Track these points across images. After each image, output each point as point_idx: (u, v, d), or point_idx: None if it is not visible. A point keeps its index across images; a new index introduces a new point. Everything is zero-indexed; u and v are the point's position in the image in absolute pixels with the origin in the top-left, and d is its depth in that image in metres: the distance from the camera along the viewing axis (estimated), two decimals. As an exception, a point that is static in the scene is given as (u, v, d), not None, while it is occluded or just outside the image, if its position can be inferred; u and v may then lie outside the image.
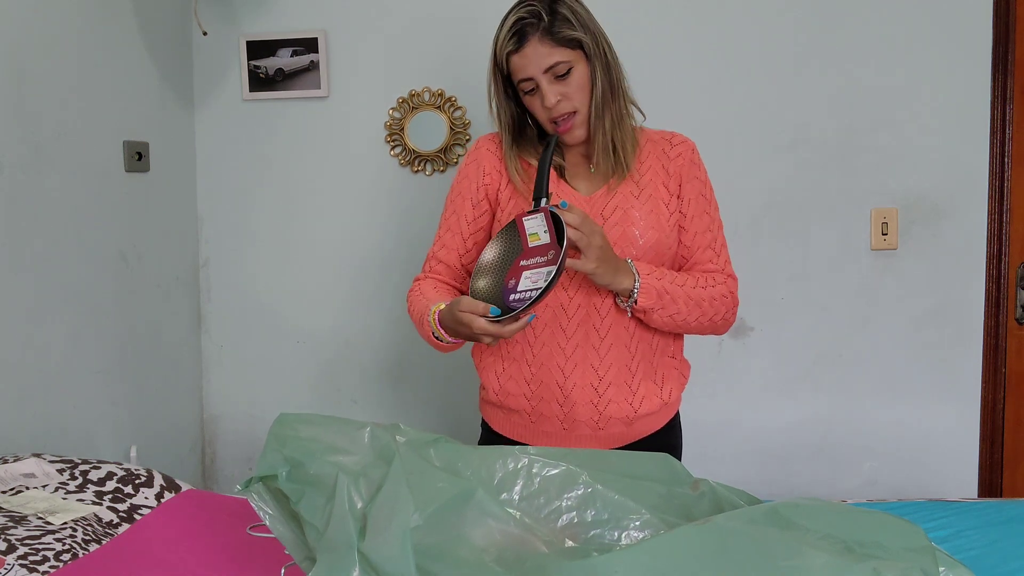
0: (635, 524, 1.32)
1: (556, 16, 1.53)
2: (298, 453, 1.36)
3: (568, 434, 1.65)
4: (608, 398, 1.61)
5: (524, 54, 1.53)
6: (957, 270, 2.44)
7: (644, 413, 1.64)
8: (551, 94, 1.54)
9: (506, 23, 1.55)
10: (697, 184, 1.68)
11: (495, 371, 1.68)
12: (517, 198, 1.64)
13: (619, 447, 1.66)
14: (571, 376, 1.61)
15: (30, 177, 1.99)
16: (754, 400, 2.54)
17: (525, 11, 1.53)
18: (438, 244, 1.71)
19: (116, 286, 2.29)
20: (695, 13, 2.45)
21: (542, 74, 1.54)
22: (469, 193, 1.68)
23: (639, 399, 1.63)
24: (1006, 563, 1.52)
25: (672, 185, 1.65)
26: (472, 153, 1.71)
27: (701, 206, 1.67)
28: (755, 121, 2.46)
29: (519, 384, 1.65)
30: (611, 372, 1.61)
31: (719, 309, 1.64)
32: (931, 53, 2.39)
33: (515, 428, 1.70)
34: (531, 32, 1.53)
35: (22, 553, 1.35)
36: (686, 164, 1.67)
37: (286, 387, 2.69)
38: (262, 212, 2.65)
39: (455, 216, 1.69)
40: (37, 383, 2.03)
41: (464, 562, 1.20)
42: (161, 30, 2.45)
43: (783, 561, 1.14)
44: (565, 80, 1.55)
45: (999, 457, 2.48)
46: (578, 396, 1.61)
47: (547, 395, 1.62)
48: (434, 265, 1.71)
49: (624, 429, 1.65)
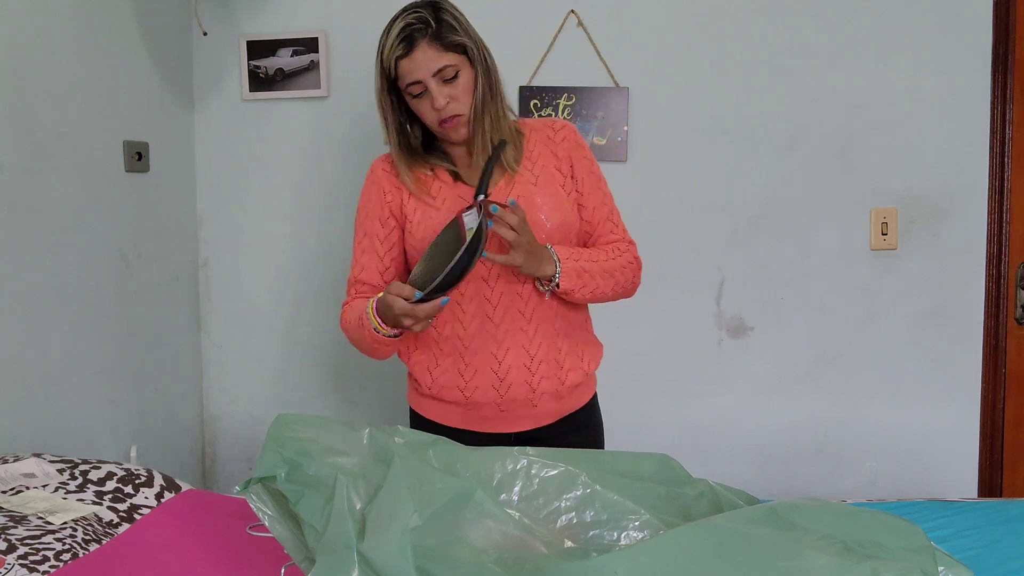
0: (634, 524, 1.32)
1: (442, 23, 1.61)
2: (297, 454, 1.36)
3: (504, 415, 1.73)
4: (541, 375, 1.71)
5: (414, 58, 1.59)
6: (957, 270, 2.44)
7: (571, 385, 1.76)
8: (440, 96, 1.61)
9: (392, 30, 1.60)
10: (586, 163, 1.76)
11: (427, 367, 1.75)
12: (424, 208, 1.71)
13: (551, 423, 1.76)
14: (504, 360, 1.70)
15: (30, 177, 1.99)
16: (754, 400, 2.54)
17: (412, 17, 1.60)
18: (357, 268, 1.77)
19: (116, 286, 2.29)
20: (695, 13, 2.45)
21: (431, 77, 1.60)
22: (376, 214, 1.75)
23: (566, 372, 1.75)
24: (1006, 563, 1.52)
25: (564, 167, 1.74)
26: (369, 176, 1.79)
27: (593, 182, 1.77)
28: (755, 121, 2.46)
29: (453, 376, 1.72)
30: (541, 350, 1.71)
31: (628, 276, 1.77)
32: (931, 53, 2.39)
33: (450, 416, 1.77)
34: (419, 37, 1.59)
35: (22, 553, 1.35)
36: (572, 146, 1.76)
37: (286, 387, 2.69)
38: (262, 212, 2.64)
39: (367, 238, 1.76)
40: (37, 383, 2.03)
41: (463, 563, 1.20)
42: (161, 30, 2.45)
43: (782, 562, 1.15)
44: (452, 83, 1.62)
45: (999, 457, 2.48)
46: (514, 377, 1.70)
47: (483, 383, 1.70)
48: (359, 288, 1.77)
49: (556, 404, 1.76)
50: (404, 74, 1.61)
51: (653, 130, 2.47)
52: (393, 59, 1.60)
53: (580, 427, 1.82)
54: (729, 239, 2.50)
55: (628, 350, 2.55)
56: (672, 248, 2.50)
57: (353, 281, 1.78)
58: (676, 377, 2.55)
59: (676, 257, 2.51)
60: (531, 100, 2.46)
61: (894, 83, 2.41)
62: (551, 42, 2.46)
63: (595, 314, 2.53)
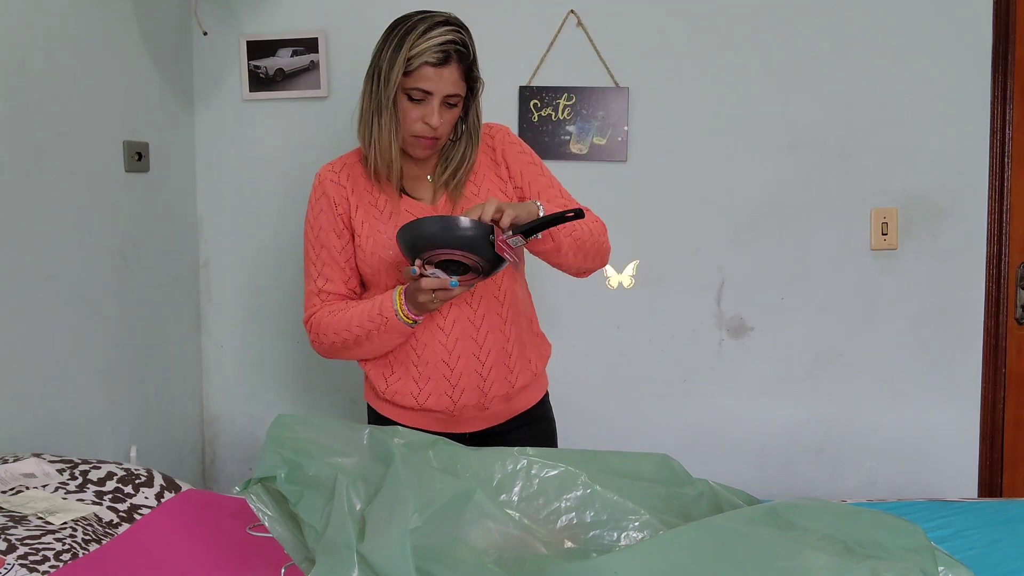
0: (634, 525, 1.32)
1: (472, 55, 1.66)
2: (297, 455, 1.36)
3: (454, 418, 1.78)
4: (491, 380, 1.75)
5: (441, 73, 1.62)
6: (957, 270, 2.44)
7: (520, 387, 1.80)
8: (437, 117, 1.64)
9: (431, 36, 1.60)
10: (523, 157, 1.79)
11: (383, 373, 1.79)
12: (371, 220, 1.73)
13: (500, 424, 1.82)
14: (456, 367, 1.73)
15: (30, 177, 1.99)
16: (754, 400, 2.54)
17: (454, 35, 1.62)
18: (321, 279, 1.76)
19: (116, 286, 2.29)
20: (695, 13, 2.45)
21: (442, 96, 1.63)
22: (330, 225, 1.76)
23: (515, 375, 1.79)
24: (1006, 563, 1.52)
25: (503, 171, 1.78)
26: (317, 189, 1.79)
27: (534, 172, 1.79)
28: (755, 121, 2.46)
29: (407, 383, 1.76)
30: (491, 356, 1.75)
31: (597, 229, 1.75)
32: (931, 53, 2.39)
33: (402, 416, 1.81)
34: (454, 57, 1.62)
35: (22, 553, 1.35)
36: (507, 145, 1.79)
37: (286, 387, 2.69)
38: (262, 212, 2.64)
39: (325, 250, 1.76)
40: (37, 383, 2.03)
41: (463, 563, 1.20)
42: (161, 30, 2.45)
43: (782, 562, 1.15)
44: (451, 110, 1.67)
45: (999, 457, 2.48)
46: (465, 383, 1.74)
47: (435, 390, 1.74)
48: (324, 298, 1.77)
49: (504, 406, 1.80)
50: (421, 79, 1.62)
51: (653, 130, 2.47)
52: (421, 62, 1.60)
53: (530, 422, 1.86)
54: (729, 239, 2.50)
55: (629, 350, 2.56)
56: (672, 248, 2.50)
57: (316, 292, 1.77)
58: (676, 377, 2.55)
59: (676, 257, 2.51)
60: (531, 100, 2.46)
61: (894, 83, 2.40)
62: (551, 42, 2.46)
63: (595, 314, 2.54)
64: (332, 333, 1.73)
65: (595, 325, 2.54)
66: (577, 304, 2.53)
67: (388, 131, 1.67)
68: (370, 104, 1.68)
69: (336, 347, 1.75)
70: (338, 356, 1.80)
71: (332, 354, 1.79)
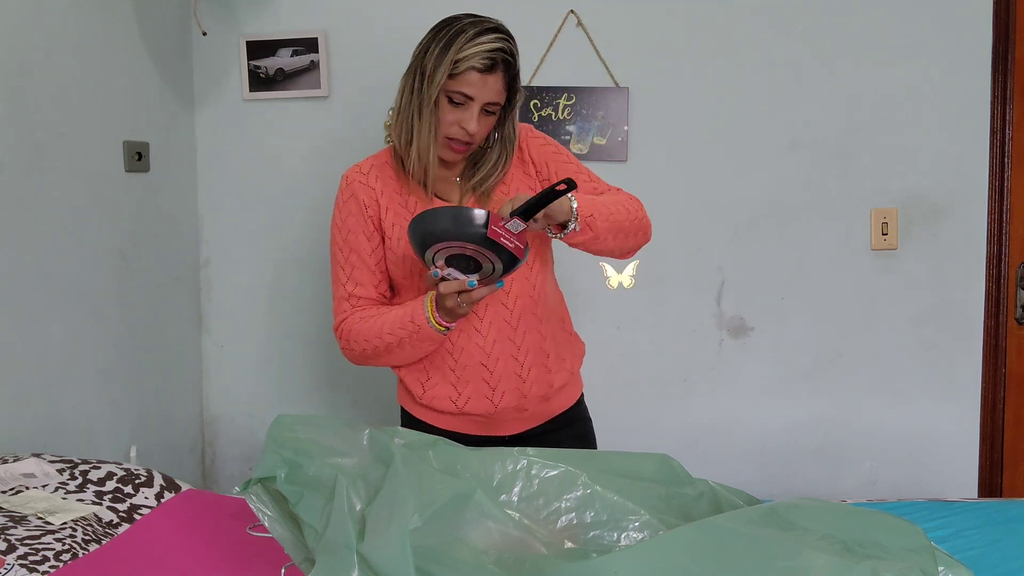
0: (634, 525, 1.32)
1: (516, 66, 1.66)
2: (297, 455, 1.36)
3: (494, 421, 1.75)
4: (531, 381, 1.73)
5: (486, 80, 1.60)
6: (957, 270, 2.44)
7: (558, 387, 1.78)
8: (474, 123, 1.62)
9: (480, 41, 1.59)
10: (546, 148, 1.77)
11: (419, 379, 1.75)
12: (401, 223, 1.70)
13: (539, 425, 1.79)
14: (495, 370, 1.70)
15: (30, 177, 1.99)
16: (754, 400, 2.54)
17: (502, 44, 1.61)
18: (350, 284, 1.72)
19: (116, 286, 2.29)
20: (695, 13, 2.45)
21: (482, 103, 1.62)
22: (360, 227, 1.71)
23: (553, 375, 1.76)
24: (1006, 563, 1.52)
25: (530, 169, 1.76)
26: (346, 190, 1.74)
27: (560, 160, 1.77)
28: (755, 121, 2.46)
29: (445, 388, 1.73)
30: (529, 356, 1.72)
31: (633, 206, 1.74)
32: (931, 53, 2.39)
33: (440, 421, 1.77)
34: (500, 65, 1.61)
35: (22, 553, 1.35)
36: (530, 140, 1.77)
37: (286, 387, 2.69)
38: (263, 212, 2.64)
39: (355, 254, 1.72)
40: (37, 383, 2.03)
41: (463, 563, 1.20)
42: (161, 30, 2.45)
43: (782, 562, 1.15)
44: (487, 118, 1.65)
45: (999, 457, 2.48)
46: (505, 385, 1.71)
47: (474, 393, 1.71)
48: (354, 303, 1.72)
49: (543, 407, 1.78)
50: (465, 84, 1.59)
51: (653, 130, 2.47)
52: (468, 66, 1.58)
53: (569, 423, 1.84)
54: (729, 239, 2.50)
55: (629, 350, 2.56)
56: (673, 249, 2.50)
57: (347, 296, 1.72)
58: (677, 377, 2.55)
59: (677, 257, 2.50)
60: (531, 100, 2.46)
61: (894, 83, 2.40)
62: (551, 42, 2.46)
63: (595, 314, 2.54)
64: (363, 340, 1.68)
65: (595, 325, 2.54)
66: (577, 304, 2.52)
67: (428, 131, 1.64)
68: (410, 103, 1.64)
69: (367, 354, 1.70)
70: (369, 363, 1.75)
71: (363, 361, 1.74)
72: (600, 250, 1.69)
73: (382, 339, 1.66)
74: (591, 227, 1.60)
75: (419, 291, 1.71)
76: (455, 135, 1.64)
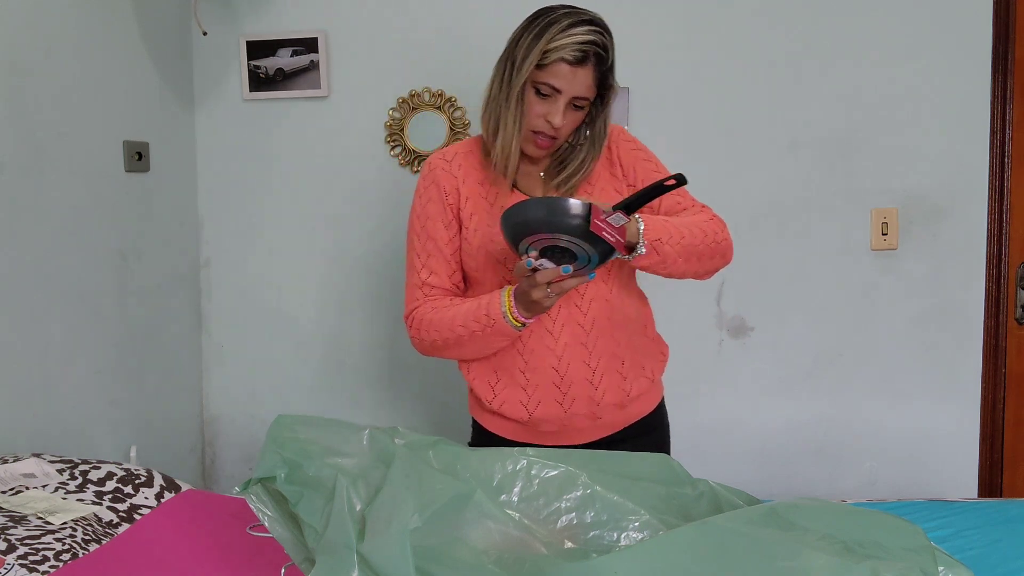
0: (634, 525, 1.32)
1: (610, 58, 1.58)
2: (297, 455, 1.36)
3: (567, 429, 1.69)
4: (604, 388, 1.66)
5: (576, 72, 1.54)
6: (957, 270, 2.44)
7: (635, 395, 1.71)
8: (560, 117, 1.56)
9: (572, 33, 1.53)
10: (636, 153, 1.71)
11: (488, 382, 1.70)
12: (480, 213, 1.65)
13: (615, 433, 1.71)
14: (566, 375, 1.64)
15: (30, 177, 1.99)
16: (754, 400, 2.54)
17: (595, 36, 1.54)
18: (425, 271, 1.68)
19: (116, 286, 2.29)
20: (695, 13, 2.45)
21: (570, 97, 1.55)
22: (439, 215, 1.67)
23: (630, 383, 1.69)
24: (1006, 563, 1.52)
25: (617, 171, 1.69)
26: (427, 176, 1.70)
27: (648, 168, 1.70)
28: (755, 121, 2.46)
29: (515, 391, 1.67)
30: (602, 362, 1.65)
31: (711, 228, 1.64)
32: (931, 53, 2.39)
33: (512, 430, 1.72)
34: (592, 59, 1.55)
35: (22, 553, 1.35)
36: (620, 143, 1.71)
37: (286, 387, 2.69)
38: (262, 212, 2.64)
39: (432, 242, 1.68)
40: (37, 383, 2.03)
41: (463, 563, 1.20)
42: (161, 30, 2.45)
43: (782, 562, 1.15)
44: (575, 113, 1.59)
45: (999, 457, 2.48)
46: (577, 392, 1.65)
47: (545, 397, 1.65)
48: (427, 291, 1.69)
49: (619, 414, 1.70)
50: (553, 75, 1.54)
51: (653, 130, 2.47)
52: (557, 57, 1.53)
53: (646, 431, 1.76)
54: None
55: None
56: (672, 248, 2.49)
57: (420, 284, 1.68)
58: (677, 377, 2.54)
59: (676, 257, 2.50)
60: (531, 100, 2.46)
61: (894, 83, 2.40)
62: (551, 42, 2.45)
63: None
64: (434, 331, 1.64)
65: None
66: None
67: (513, 122, 1.58)
68: (499, 91, 1.60)
69: (436, 345, 1.66)
70: (439, 355, 1.70)
71: (432, 352, 1.69)
72: (671, 273, 1.61)
73: (453, 331, 1.61)
74: (657, 251, 1.54)
75: (492, 285, 1.66)
76: (540, 128, 1.58)
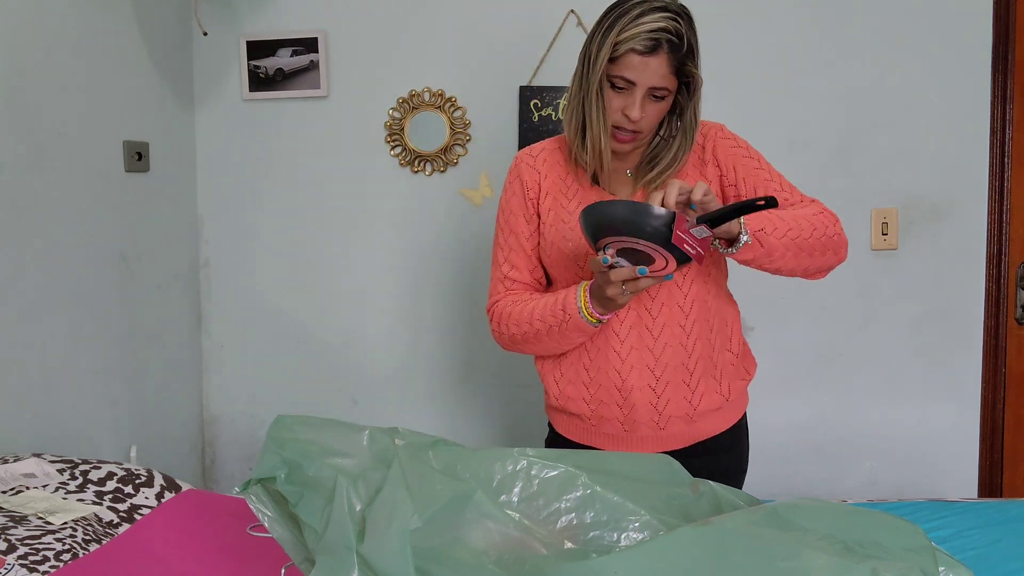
0: (634, 525, 1.32)
1: (688, 45, 1.52)
2: (297, 455, 1.36)
3: (629, 435, 1.65)
4: (667, 398, 1.61)
5: (648, 63, 1.49)
6: (957, 270, 2.44)
7: (705, 410, 1.64)
8: (637, 110, 1.51)
9: (643, 21, 1.47)
10: (736, 151, 1.64)
11: (554, 376, 1.69)
12: (557, 209, 1.63)
13: (682, 447, 1.65)
14: (628, 379, 1.61)
15: (30, 177, 1.99)
16: (754, 400, 2.53)
17: (668, 23, 1.48)
18: (507, 266, 1.68)
19: (116, 286, 2.29)
20: (694, 14, 2.44)
21: (646, 88, 1.51)
22: (520, 210, 1.67)
23: (698, 396, 1.63)
24: (1006, 563, 1.53)
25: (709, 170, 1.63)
26: (513, 171, 1.69)
27: (749, 166, 1.63)
28: (755, 121, 2.45)
29: (578, 388, 1.65)
30: (667, 371, 1.60)
31: (822, 221, 1.56)
32: (931, 53, 2.39)
33: (577, 431, 1.70)
34: (665, 47, 1.49)
35: (22, 553, 1.35)
36: (718, 141, 1.65)
37: (286, 387, 2.69)
38: (262, 212, 2.65)
39: (513, 236, 1.67)
40: (37, 383, 2.03)
41: (463, 564, 1.20)
42: (161, 30, 2.45)
43: (782, 562, 1.14)
44: (656, 104, 1.54)
45: (999, 457, 2.48)
46: (637, 398, 1.61)
47: (606, 398, 1.63)
48: (508, 285, 1.68)
49: (685, 428, 1.64)
50: (624, 67, 1.49)
51: (653, 130, 2.47)
52: (627, 49, 1.47)
53: (717, 452, 1.69)
54: (729, 239, 2.49)
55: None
56: (672, 248, 2.49)
57: (502, 278, 1.68)
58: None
59: (676, 257, 2.50)
60: (531, 100, 2.46)
61: (894, 83, 2.40)
62: (551, 42, 2.45)
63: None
64: (513, 324, 1.62)
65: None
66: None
67: (598, 120, 1.54)
68: (579, 89, 1.55)
69: (516, 339, 1.64)
70: (518, 349, 1.67)
71: (512, 346, 1.67)
72: (777, 268, 1.53)
73: (531, 325, 1.60)
74: (762, 243, 1.46)
75: (565, 283, 1.65)
76: (619, 123, 1.53)
